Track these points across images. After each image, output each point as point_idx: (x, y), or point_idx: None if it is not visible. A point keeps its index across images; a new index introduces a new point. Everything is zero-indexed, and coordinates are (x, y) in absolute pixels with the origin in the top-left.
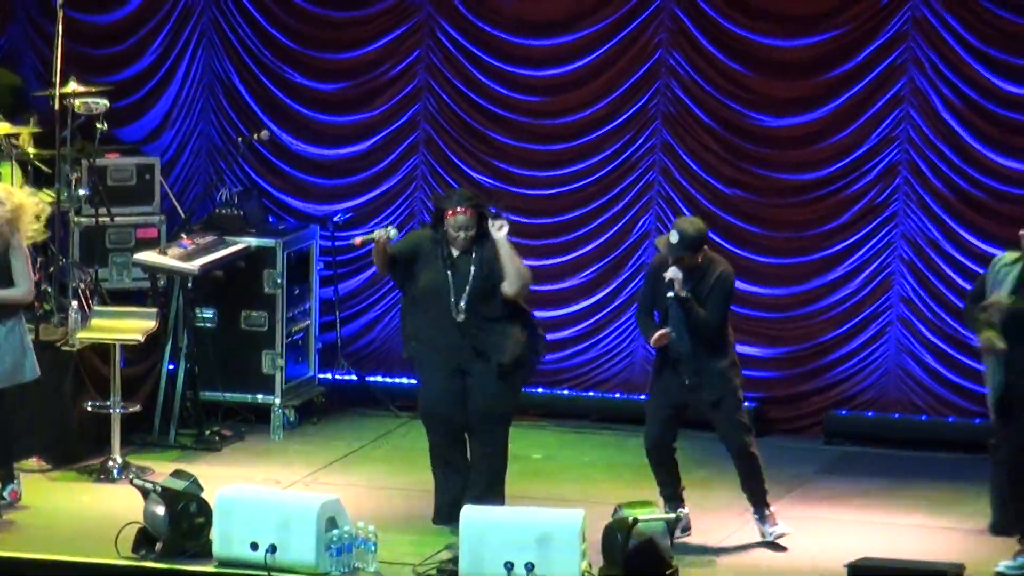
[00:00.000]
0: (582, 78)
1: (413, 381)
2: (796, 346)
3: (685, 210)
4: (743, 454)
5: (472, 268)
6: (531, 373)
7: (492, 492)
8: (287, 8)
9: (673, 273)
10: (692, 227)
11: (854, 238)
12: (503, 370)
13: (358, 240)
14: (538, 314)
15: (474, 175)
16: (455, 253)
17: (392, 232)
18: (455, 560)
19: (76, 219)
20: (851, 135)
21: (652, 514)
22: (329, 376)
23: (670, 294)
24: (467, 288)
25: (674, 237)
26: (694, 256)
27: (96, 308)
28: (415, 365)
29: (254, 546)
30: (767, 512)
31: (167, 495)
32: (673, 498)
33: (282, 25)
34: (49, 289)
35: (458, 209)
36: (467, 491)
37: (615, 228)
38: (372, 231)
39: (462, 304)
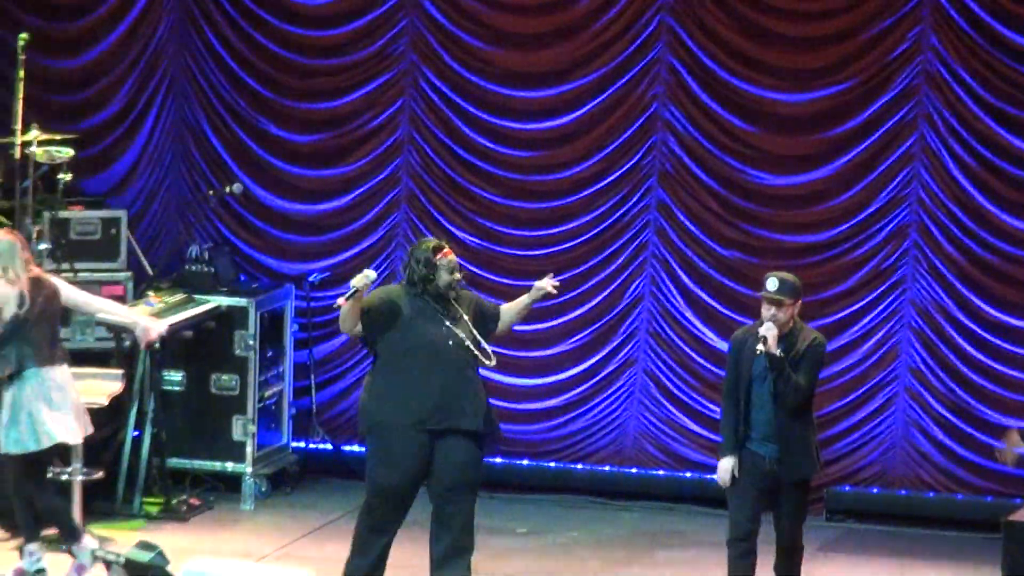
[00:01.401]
0: (574, 132)
1: None
2: None
3: (680, 272)
4: (794, 550)
5: (465, 315)
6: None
7: (466, 565)
8: (262, 55)
9: (766, 328)
10: (789, 276)
11: (860, 304)
12: (481, 435)
13: (342, 301)
14: (524, 382)
15: (458, 233)
16: (438, 304)
17: (372, 275)
18: None
19: None
20: (857, 195)
21: None
22: (303, 444)
23: (760, 348)
24: (470, 336)
25: (772, 284)
26: (793, 303)
27: None
28: (373, 434)
29: None
30: None
31: (131, 567)
32: None
33: (256, 72)
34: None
35: (447, 250)
36: (443, 563)
37: (607, 291)
38: (357, 281)
39: (488, 349)
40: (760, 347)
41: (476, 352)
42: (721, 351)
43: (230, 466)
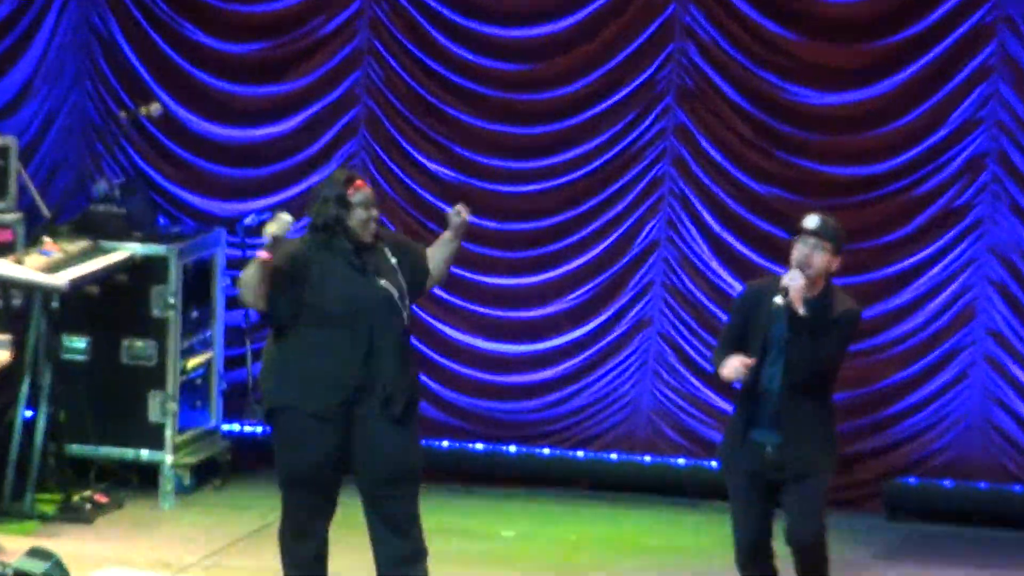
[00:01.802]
0: (572, 39)
1: None
2: (849, 392)
3: (704, 212)
4: (814, 549)
5: (393, 261)
6: None
7: (424, 572)
8: None
9: (791, 278)
10: (836, 223)
11: (926, 252)
12: (407, 412)
13: (264, 255)
14: (510, 348)
15: (430, 165)
16: (354, 253)
17: (288, 219)
18: None
19: None
20: (922, 117)
21: None
22: (237, 427)
23: (778, 300)
24: (400, 289)
25: (812, 220)
26: (832, 252)
27: None
28: (275, 421)
29: None
30: None
31: None
32: None
33: None
34: None
35: (359, 181)
36: (394, 572)
37: (613, 236)
38: (276, 228)
39: (404, 313)
40: (778, 299)
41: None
42: None
43: (145, 454)
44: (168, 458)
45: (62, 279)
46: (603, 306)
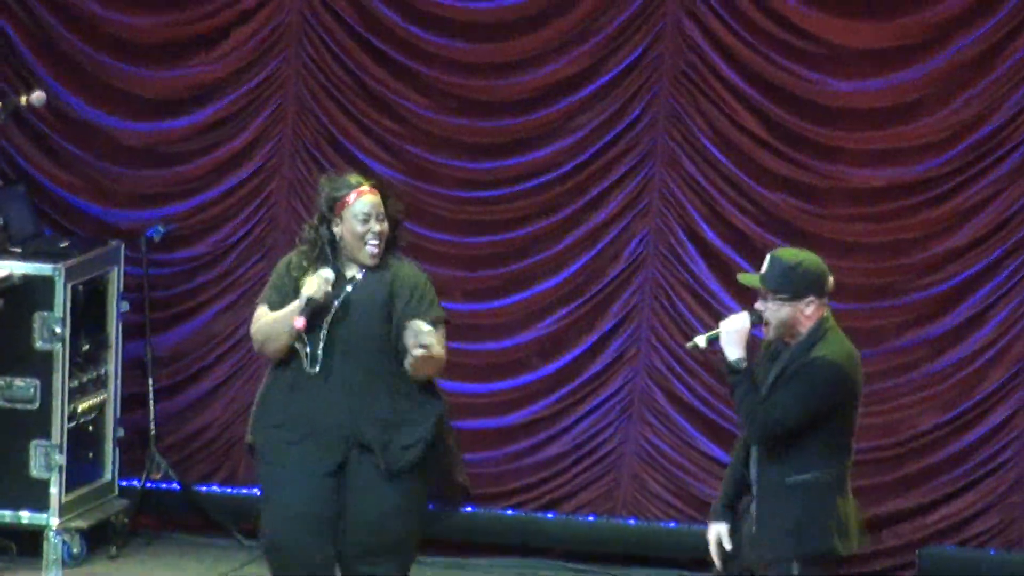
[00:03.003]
0: (543, 13)
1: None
2: (873, 442)
3: (700, 223)
4: None
5: (394, 289)
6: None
7: None
8: None
9: (730, 323)
10: (796, 257)
11: (972, 270)
12: (415, 465)
13: (299, 324)
14: (470, 386)
15: (372, 164)
16: (357, 274)
17: (329, 276)
18: None
19: None
20: (968, 105)
21: None
22: (136, 483)
23: (693, 342)
24: (386, 331)
25: (766, 263)
26: (793, 301)
27: None
28: (256, 457)
29: None
30: None
31: None
32: None
33: None
34: None
35: (362, 189)
36: None
37: (592, 252)
38: (315, 290)
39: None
40: (698, 339)
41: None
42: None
43: (26, 516)
44: (54, 521)
45: None
46: (580, 337)
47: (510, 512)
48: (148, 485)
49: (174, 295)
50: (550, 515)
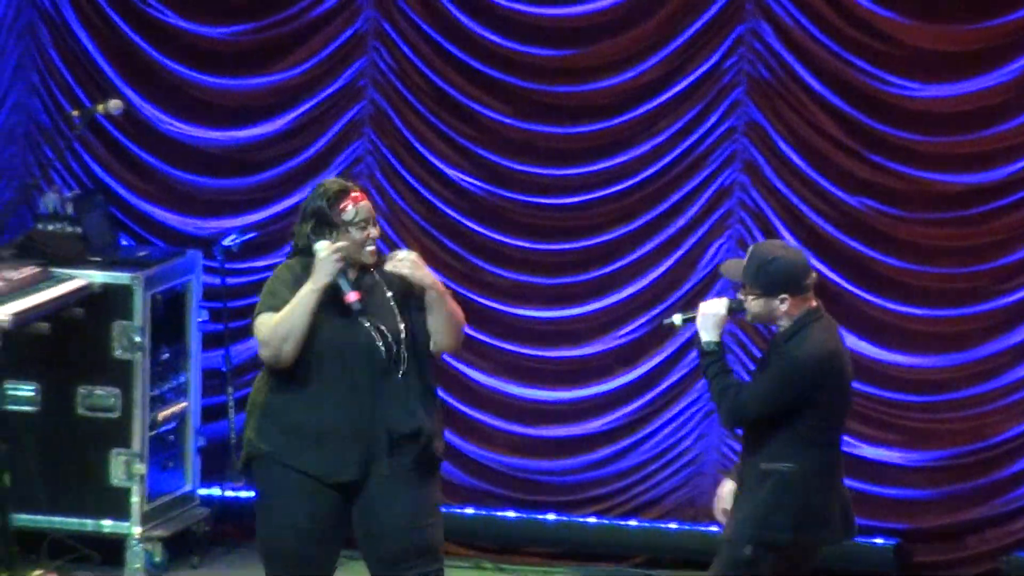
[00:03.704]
0: (622, 19)
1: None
2: (958, 448)
3: (782, 228)
4: None
5: (389, 293)
6: None
7: None
8: None
9: (708, 307)
10: (772, 253)
11: None
12: (424, 468)
13: (677, 319)
14: (546, 396)
15: (448, 171)
16: (352, 277)
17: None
18: None
19: None
20: None
21: None
22: (217, 491)
23: (669, 320)
24: (395, 333)
25: (746, 256)
26: (763, 293)
27: None
28: (253, 471)
29: None
30: None
31: None
32: None
33: None
34: None
35: (353, 194)
36: None
37: (671, 259)
38: (331, 265)
39: (403, 352)
40: (675, 317)
41: (405, 352)
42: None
43: (108, 525)
44: (135, 530)
45: (4, 314)
46: (660, 344)
47: (592, 519)
48: (228, 494)
49: (252, 304)
50: (633, 522)
